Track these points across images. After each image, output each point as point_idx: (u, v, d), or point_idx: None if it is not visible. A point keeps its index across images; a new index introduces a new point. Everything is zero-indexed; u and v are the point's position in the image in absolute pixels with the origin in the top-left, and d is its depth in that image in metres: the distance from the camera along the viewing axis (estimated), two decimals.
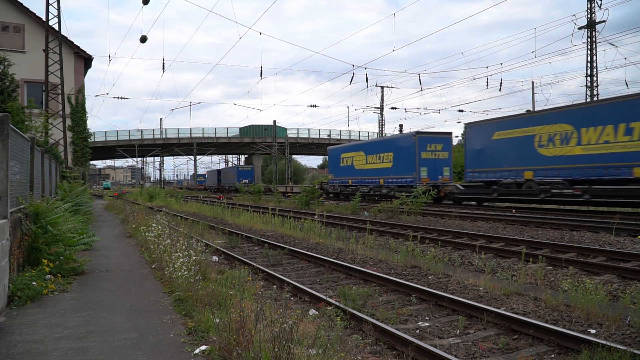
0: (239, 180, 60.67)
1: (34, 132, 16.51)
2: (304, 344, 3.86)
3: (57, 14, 24.70)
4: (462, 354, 4.71)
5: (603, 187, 16.34)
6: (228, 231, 14.74)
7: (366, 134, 75.70)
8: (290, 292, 6.92)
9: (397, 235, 13.22)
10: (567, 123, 17.78)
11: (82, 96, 29.82)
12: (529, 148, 18.99)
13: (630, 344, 4.69)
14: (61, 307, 5.76)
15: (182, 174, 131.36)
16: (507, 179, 20.00)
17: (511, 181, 19.84)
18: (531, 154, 18.95)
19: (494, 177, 20.73)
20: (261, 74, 27.95)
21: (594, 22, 31.03)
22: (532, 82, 41.54)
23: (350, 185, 29.85)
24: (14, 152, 6.63)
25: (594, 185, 16.61)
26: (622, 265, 8.07)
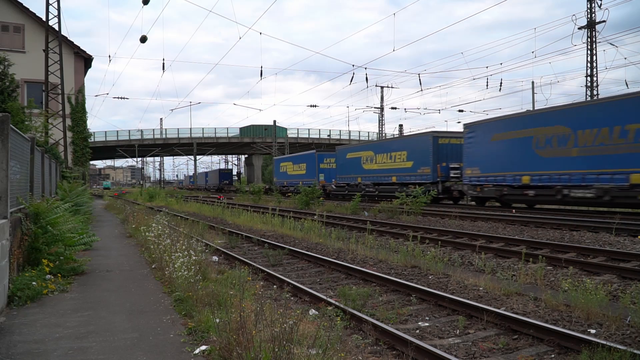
0: (221, 181, 71.14)
1: (34, 132, 16.51)
2: (304, 344, 3.86)
3: (57, 14, 24.71)
4: (462, 354, 4.71)
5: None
6: (228, 231, 14.74)
7: (366, 134, 75.82)
8: (290, 292, 6.92)
9: (397, 235, 13.22)
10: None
11: (82, 96, 29.83)
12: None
13: (630, 344, 4.69)
14: (61, 307, 5.76)
15: (182, 174, 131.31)
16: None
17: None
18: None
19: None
20: (261, 73, 27.96)
21: (594, 22, 31.03)
22: (532, 82, 41.58)
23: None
24: (14, 152, 6.63)
25: None
26: (622, 265, 8.07)
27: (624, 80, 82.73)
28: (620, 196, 14.94)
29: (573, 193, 16.62)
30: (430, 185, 23.51)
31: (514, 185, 18.91)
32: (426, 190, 21.48)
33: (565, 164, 16.87)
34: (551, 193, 17.44)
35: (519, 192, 18.82)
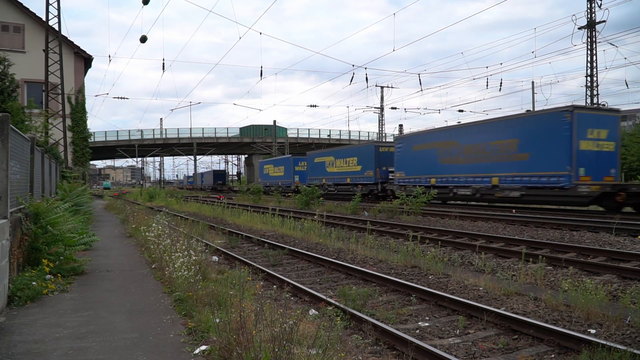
0: (215, 182, 74.45)
1: (34, 132, 16.51)
2: (304, 344, 3.86)
3: (57, 14, 24.71)
4: (462, 354, 4.71)
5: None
6: (228, 231, 14.74)
7: (366, 134, 75.82)
8: (290, 292, 6.92)
9: (397, 235, 13.22)
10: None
11: (82, 96, 29.82)
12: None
13: (630, 344, 4.69)
14: (61, 307, 5.76)
15: (182, 174, 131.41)
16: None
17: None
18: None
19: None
20: (261, 73, 27.96)
21: (594, 22, 31.03)
22: (532, 82, 41.59)
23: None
24: (14, 152, 6.63)
25: None
26: (622, 265, 8.07)
27: (624, 80, 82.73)
28: (486, 194, 20.28)
29: (459, 191, 21.90)
30: (373, 186, 29.17)
31: (426, 185, 23.48)
32: (369, 189, 28.49)
33: (456, 170, 22.09)
34: (446, 191, 22.64)
35: (429, 190, 22.61)
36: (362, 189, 29.52)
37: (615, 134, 17.66)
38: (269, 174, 49.45)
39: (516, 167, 18.73)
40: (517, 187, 18.65)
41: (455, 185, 22.06)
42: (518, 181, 18.65)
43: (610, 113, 18.36)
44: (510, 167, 18.99)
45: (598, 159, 17.01)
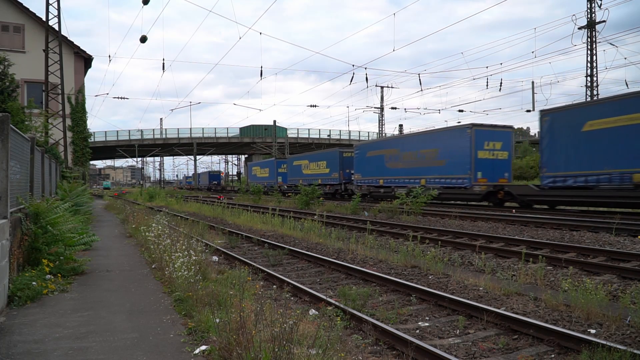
0: (210, 182, 78.11)
1: (34, 132, 16.52)
2: (304, 344, 3.86)
3: (57, 14, 24.72)
4: (462, 354, 4.71)
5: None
6: (228, 231, 14.74)
7: (366, 134, 75.81)
8: (290, 292, 6.92)
9: (397, 235, 13.22)
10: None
11: (82, 96, 29.82)
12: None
13: (630, 344, 4.69)
14: (61, 307, 5.76)
15: (182, 174, 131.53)
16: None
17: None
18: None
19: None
20: (261, 73, 27.95)
21: (594, 22, 31.03)
22: (532, 82, 41.59)
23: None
24: (14, 152, 6.63)
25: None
26: (622, 265, 8.06)
27: (624, 80, 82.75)
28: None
29: (398, 190, 25.16)
30: (338, 186, 34.12)
31: (376, 186, 28.29)
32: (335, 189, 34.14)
33: (397, 172, 26.29)
34: (389, 191, 26.63)
35: (377, 190, 28.14)
36: (329, 188, 34.72)
37: (508, 146, 21.88)
38: (257, 175, 54.44)
39: (437, 171, 23.04)
40: (437, 186, 22.65)
41: (396, 185, 26.27)
42: (438, 182, 22.86)
43: (504, 129, 22.21)
44: (433, 171, 23.34)
45: (493, 165, 21.14)
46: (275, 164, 48.23)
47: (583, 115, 16.64)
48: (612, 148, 15.42)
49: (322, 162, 36.51)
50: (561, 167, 17.17)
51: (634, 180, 14.59)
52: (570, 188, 16.87)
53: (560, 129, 17.34)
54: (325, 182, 34.64)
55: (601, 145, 15.76)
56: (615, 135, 15.32)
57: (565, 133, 17.08)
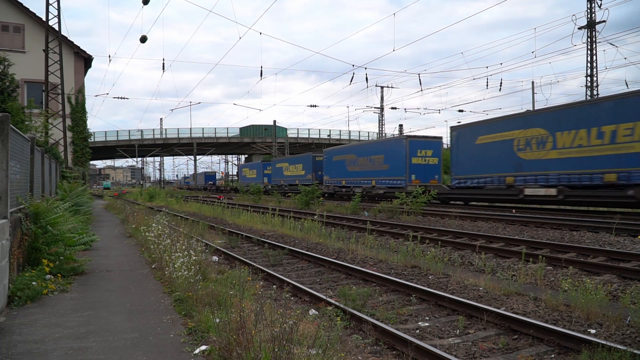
0: (206, 182, 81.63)
1: (34, 132, 16.51)
2: (304, 344, 3.86)
3: (57, 14, 24.72)
4: (462, 354, 4.71)
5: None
6: (228, 231, 14.73)
7: (366, 134, 75.84)
8: (290, 292, 6.92)
9: (397, 235, 13.22)
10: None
11: (82, 96, 29.83)
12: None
13: (630, 344, 4.69)
14: (61, 307, 5.76)
15: (182, 174, 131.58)
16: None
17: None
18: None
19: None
20: (261, 74, 27.95)
21: (594, 22, 31.03)
22: (532, 82, 41.60)
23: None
24: (14, 152, 6.63)
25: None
26: (622, 265, 8.07)
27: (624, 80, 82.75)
28: (369, 192, 29.09)
29: (355, 190, 30.19)
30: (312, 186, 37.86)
31: (339, 186, 33.39)
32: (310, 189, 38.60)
33: (355, 175, 31.08)
34: (349, 190, 31.64)
35: (340, 189, 33.33)
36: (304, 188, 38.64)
37: (438, 153, 26.57)
38: (246, 176, 59.71)
39: (383, 173, 27.78)
40: (383, 187, 27.62)
41: (354, 185, 30.94)
42: (384, 183, 27.75)
43: (434, 139, 27.10)
44: (381, 174, 28.03)
45: (425, 169, 25.89)
46: (262, 166, 53.43)
47: (476, 131, 21.49)
48: (493, 157, 20.30)
49: (299, 165, 41.18)
50: (463, 171, 22.19)
51: (506, 182, 19.67)
52: (469, 188, 21.76)
53: (462, 142, 22.33)
54: (302, 183, 38.38)
55: (486, 155, 20.65)
56: (494, 147, 20.28)
57: (465, 145, 22.08)
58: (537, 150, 18.39)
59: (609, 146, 15.70)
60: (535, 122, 18.74)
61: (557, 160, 17.64)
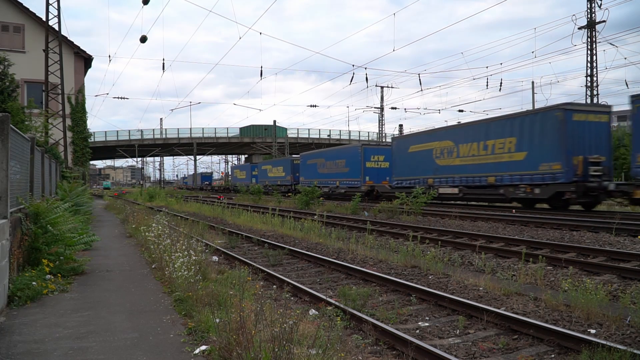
0: (202, 182, 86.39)
1: (34, 132, 16.51)
2: (304, 344, 3.86)
3: (57, 14, 24.72)
4: (462, 354, 4.71)
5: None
6: (228, 231, 14.73)
7: (366, 134, 75.80)
8: (290, 292, 6.92)
9: (397, 235, 13.22)
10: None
11: (82, 96, 29.83)
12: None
13: (630, 344, 4.69)
14: (61, 307, 5.76)
15: (182, 173, 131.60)
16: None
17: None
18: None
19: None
20: (261, 74, 27.97)
21: (594, 22, 31.02)
22: (532, 82, 41.62)
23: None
24: (14, 152, 6.63)
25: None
26: (622, 265, 8.06)
27: (624, 80, 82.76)
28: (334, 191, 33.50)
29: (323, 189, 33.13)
30: (290, 186, 42.38)
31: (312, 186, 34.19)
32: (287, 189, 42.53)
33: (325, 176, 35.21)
34: (270, 189, 41.36)
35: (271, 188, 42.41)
36: (284, 188, 43.36)
37: (389, 158, 28.89)
38: (237, 177, 65.53)
39: (345, 175, 32.25)
40: (345, 187, 31.99)
41: (324, 185, 34.43)
42: (346, 184, 32.08)
43: (386, 146, 31.03)
44: (343, 176, 32.47)
45: (378, 172, 30.11)
46: (250, 167, 59.61)
47: (409, 141, 26.50)
48: (420, 163, 24.89)
49: (280, 167, 46.21)
50: (399, 174, 26.72)
51: (428, 183, 24.07)
52: (404, 187, 25.33)
53: (399, 150, 27.00)
54: (282, 183, 43.55)
55: (415, 161, 25.26)
56: (421, 155, 24.83)
57: (401, 153, 26.71)
58: (447, 158, 23.14)
59: (491, 156, 20.35)
60: (446, 136, 23.42)
61: (459, 166, 22.26)
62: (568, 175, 16.86)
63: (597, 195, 17.18)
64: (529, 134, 18.48)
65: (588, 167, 16.90)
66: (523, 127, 18.84)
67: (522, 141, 18.76)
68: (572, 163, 16.88)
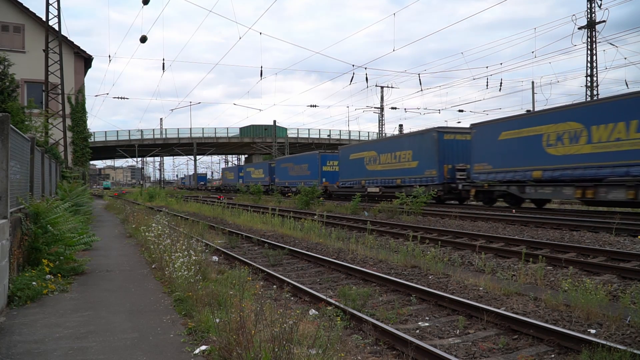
0: (198, 183, 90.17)
1: (34, 132, 16.49)
2: (304, 344, 3.86)
3: (57, 14, 24.72)
4: (462, 354, 4.71)
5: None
6: (228, 231, 14.73)
7: (366, 134, 75.78)
8: (290, 292, 6.92)
9: (397, 235, 13.22)
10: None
11: (82, 96, 29.82)
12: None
13: (630, 344, 4.68)
14: (61, 307, 5.76)
15: (182, 173, 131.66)
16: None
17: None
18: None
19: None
20: (261, 74, 27.95)
21: (594, 22, 31.03)
22: (532, 82, 41.62)
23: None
24: (14, 152, 6.63)
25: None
26: (622, 265, 8.06)
27: (624, 80, 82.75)
28: (294, 190, 37.15)
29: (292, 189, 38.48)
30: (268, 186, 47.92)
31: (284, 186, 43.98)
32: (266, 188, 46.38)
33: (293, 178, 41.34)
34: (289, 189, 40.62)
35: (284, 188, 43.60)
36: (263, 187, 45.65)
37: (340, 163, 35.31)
38: (227, 178, 72.48)
39: (307, 177, 38.46)
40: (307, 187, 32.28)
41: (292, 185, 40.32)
42: (307, 184, 32.72)
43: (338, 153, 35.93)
44: (306, 177, 38.43)
45: (333, 175, 36.65)
46: (238, 169, 66.37)
47: (350, 151, 33.40)
48: (356, 168, 31.50)
49: (261, 170, 53.36)
50: (344, 177, 33.37)
51: (362, 184, 30.49)
52: (347, 187, 32.69)
53: (344, 157, 33.85)
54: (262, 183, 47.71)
55: (353, 166, 32.02)
56: (357, 162, 31.47)
57: (345, 159, 33.60)
58: (373, 165, 29.59)
59: (398, 164, 26.98)
60: (373, 147, 30.48)
61: (380, 171, 28.80)
62: (440, 179, 23.44)
63: (459, 193, 23.15)
64: (419, 148, 25.16)
65: (455, 172, 23.04)
66: (415, 143, 25.64)
67: (415, 153, 25.40)
68: (442, 170, 23.31)
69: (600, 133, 15.88)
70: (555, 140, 17.56)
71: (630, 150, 14.87)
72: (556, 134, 17.52)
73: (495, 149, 20.16)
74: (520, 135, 19.10)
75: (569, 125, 17.01)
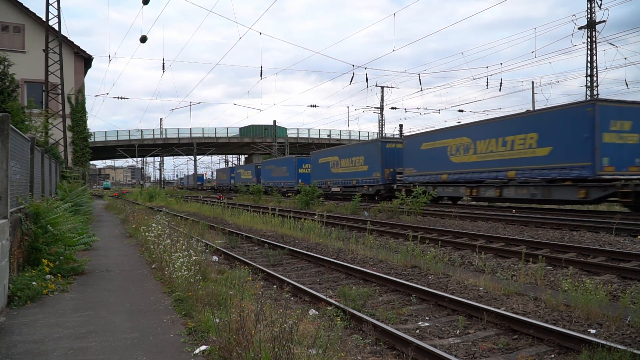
0: (196, 182, 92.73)
1: (34, 132, 16.49)
2: (304, 344, 3.86)
3: (57, 14, 24.71)
4: (462, 354, 4.71)
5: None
6: (228, 231, 14.73)
7: (366, 134, 75.79)
8: (290, 292, 6.92)
9: (397, 235, 13.22)
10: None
11: (82, 96, 29.82)
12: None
13: (630, 344, 4.69)
14: (61, 307, 5.76)
15: (182, 173, 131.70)
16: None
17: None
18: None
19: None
20: (261, 74, 27.94)
21: (594, 22, 31.03)
22: (532, 82, 41.63)
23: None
24: (14, 152, 6.63)
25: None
26: (622, 265, 8.06)
27: (624, 80, 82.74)
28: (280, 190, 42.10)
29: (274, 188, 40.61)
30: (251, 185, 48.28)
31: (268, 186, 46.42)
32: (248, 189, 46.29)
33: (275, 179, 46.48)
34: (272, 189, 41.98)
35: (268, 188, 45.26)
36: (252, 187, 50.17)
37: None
38: (221, 178, 77.63)
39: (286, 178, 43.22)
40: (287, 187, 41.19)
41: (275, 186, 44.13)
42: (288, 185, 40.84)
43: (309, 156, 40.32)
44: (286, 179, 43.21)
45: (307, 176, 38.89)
46: (230, 170, 71.02)
47: (319, 155, 38.01)
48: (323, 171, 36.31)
49: (249, 171, 58.37)
50: (315, 178, 36.28)
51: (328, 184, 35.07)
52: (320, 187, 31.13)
53: (315, 161, 38.45)
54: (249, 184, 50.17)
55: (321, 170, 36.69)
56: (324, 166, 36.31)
57: (315, 163, 38.26)
58: (336, 168, 34.44)
59: (353, 167, 31.60)
60: (335, 153, 35.43)
61: (341, 173, 33.59)
62: (383, 180, 28.35)
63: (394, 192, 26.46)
64: (369, 155, 29.85)
65: (396, 175, 27.86)
66: (366, 150, 30.49)
67: (366, 159, 30.09)
68: (384, 173, 28.30)
69: (481, 146, 21.04)
70: (455, 151, 22.66)
71: (498, 160, 20.06)
72: (456, 146, 22.65)
73: (419, 157, 25.32)
74: (435, 146, 24.24)
75: (463, 140, 22.17)
